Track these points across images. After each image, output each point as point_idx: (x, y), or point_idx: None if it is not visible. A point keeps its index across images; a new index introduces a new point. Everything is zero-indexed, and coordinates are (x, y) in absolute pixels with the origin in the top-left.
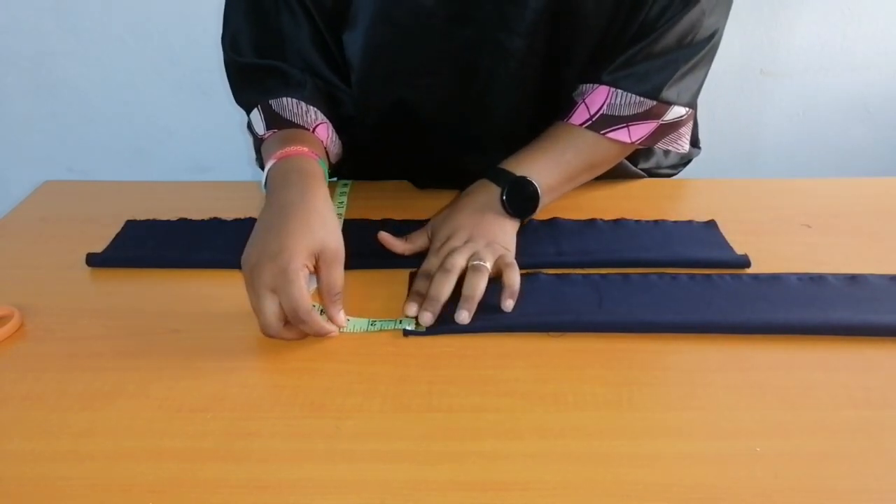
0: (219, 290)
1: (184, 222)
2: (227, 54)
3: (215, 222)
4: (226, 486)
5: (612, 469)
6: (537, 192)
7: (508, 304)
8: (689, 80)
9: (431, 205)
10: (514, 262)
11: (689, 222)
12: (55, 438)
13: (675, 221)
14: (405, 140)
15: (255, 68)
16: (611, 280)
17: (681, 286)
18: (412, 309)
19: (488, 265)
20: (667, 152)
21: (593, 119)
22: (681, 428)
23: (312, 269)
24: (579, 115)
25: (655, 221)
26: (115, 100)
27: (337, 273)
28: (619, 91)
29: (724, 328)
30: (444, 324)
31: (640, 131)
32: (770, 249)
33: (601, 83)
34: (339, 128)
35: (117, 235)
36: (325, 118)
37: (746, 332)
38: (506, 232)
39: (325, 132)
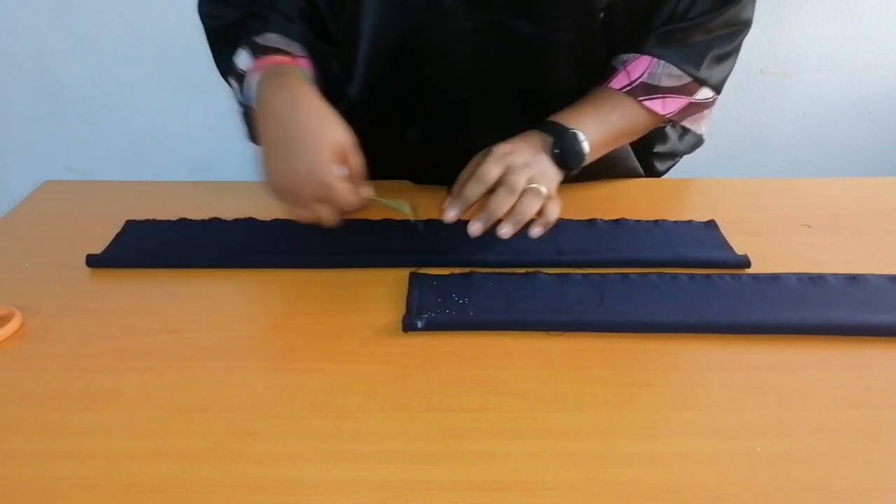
0: (219, 290)
1: (184, 222)
2: (208, 22)
3: (215, 222)
4: (226, 486)
5: (612, 469)
6: (586, 147)
7: (536, 232)
8: (723, 66)
9: (431, 204)
10: (559, 199)
11: (689, 222)
12: (55, 438)
13: (675, 221)
14: (412, 125)
15: (235, 20)
16: (611, 280)
17: (681, 286)
18: (452, 214)
19: (544, 191)
20: (682, 136)
21: (633, 85)
22: (681, 428)
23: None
24: (619, 81)
25: (655, 221)
26: (115, 100)
27: (358, 158)
28: (662, 62)
29: (724, 328)
30: (444, 322)
31: (672, 105)
32: (770, 249)
33: (644, 53)
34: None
35: (117, 235)
36: (308, 55)
37: (746, 332)
38: (554, 177)
39: (309, 67)
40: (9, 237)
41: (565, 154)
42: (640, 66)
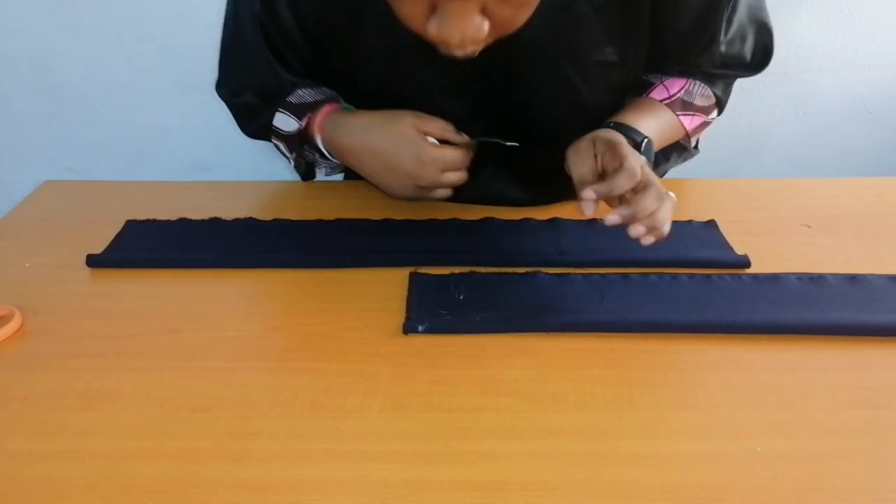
0: (219, 290)
1: (184, 222)
2: (228, 101)
3: (215, 222)
4: (226, 486)
5: (612, 469)
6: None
7: (650, 242)
8: (731, 89)
9: (430, 204)
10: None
11: (689, 222)
12: (55, 438)
13: (675, 221)
14: None
15: (255, 94)
16: (611, 280)
17: (681, 286)
18: (592, 206)
19: (675, 201)
20: (667, 156)
21: (672, 99)
22: (681, 428)
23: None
24: (659, 93)
25: None
26: (115, 100)
27: (436, 121)
28: (697, 82)
29: (724, 328)
30: (444, 323)
31: (693, 122)
32: (770, 249)
33: (678, 75)
34: None
35: (117, 235)
36: (336, 94)
37: (746, 332)
38: None
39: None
40: (9, 237)
41: (648, 161)
42: (677, 83)
